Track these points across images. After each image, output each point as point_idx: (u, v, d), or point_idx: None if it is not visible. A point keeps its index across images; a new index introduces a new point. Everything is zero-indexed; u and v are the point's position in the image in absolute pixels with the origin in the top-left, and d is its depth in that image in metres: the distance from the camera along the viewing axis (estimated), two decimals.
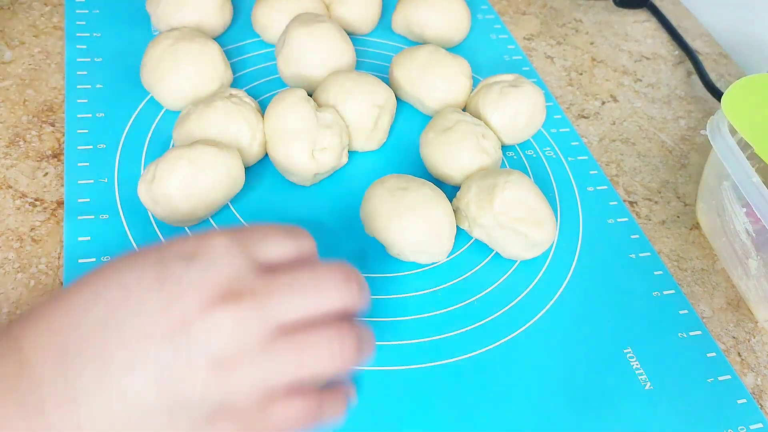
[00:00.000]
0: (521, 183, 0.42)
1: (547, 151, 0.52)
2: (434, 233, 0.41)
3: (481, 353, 0.39)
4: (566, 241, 0.46)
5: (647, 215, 0.50)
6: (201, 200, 0.40)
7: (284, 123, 0.43)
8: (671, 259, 0.47)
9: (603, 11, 0.68)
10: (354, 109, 0.46)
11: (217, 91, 0.46)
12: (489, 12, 0.64)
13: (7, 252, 0.39)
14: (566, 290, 0.43)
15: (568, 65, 0.61)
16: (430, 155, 0.46)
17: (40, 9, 0.55)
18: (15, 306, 0.37)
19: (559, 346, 0.40)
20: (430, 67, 0.50)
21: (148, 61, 0.47)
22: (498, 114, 0.49)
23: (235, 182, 0.42)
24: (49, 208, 0.42)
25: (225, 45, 0.54)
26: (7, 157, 0.44)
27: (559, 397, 0.38)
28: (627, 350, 0.41)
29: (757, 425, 0.39)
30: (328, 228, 0.44)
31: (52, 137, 0.46)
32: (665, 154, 0.55)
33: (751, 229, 0.43)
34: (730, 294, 0.46)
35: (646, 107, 0.58)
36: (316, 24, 0.49)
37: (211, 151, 0.40)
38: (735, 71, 0.64)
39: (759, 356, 0.43)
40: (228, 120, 0.43)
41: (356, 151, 0.49)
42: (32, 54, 0.51)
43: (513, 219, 0.41)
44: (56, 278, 0.38)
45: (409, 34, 0.58)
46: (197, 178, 0.39)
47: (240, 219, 0.43)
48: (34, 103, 0.47)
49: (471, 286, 0.42)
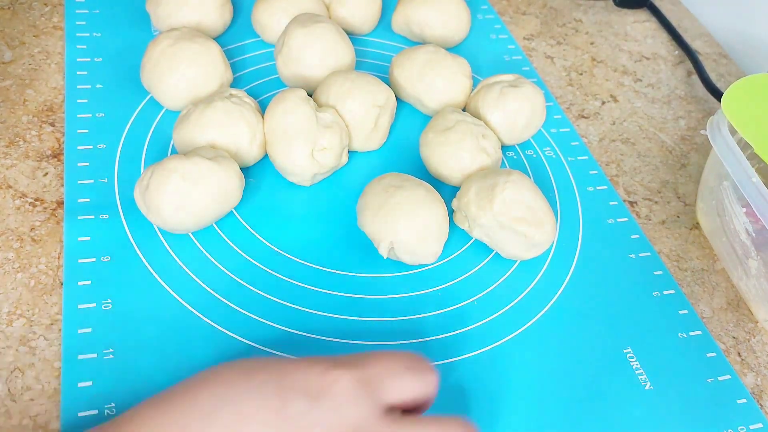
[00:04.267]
0: (521, 183, 0.42)
1: (547, 151, 0.52)
2: (420, 234, 0.40)
3: (481, 353, 0.39)
4: (566, 241, 0.46)
5: (647, 215, 0.50)
6: (191, 215, 0.40)
7: (284, 123, 0.43)
8: (671, 259, 0.47)
9: (603, 11, 0.68)
10: (354, 109, 0.46)
11: (217, 91, 0.46)
12: (489, 12, 0.64)
13: (7, 252, 0.39)
14: (566, 290, 0.43)
15: (568, 65, 0.61)
16: (430, 155, 0.46)
17: (40, 9, 0.55)
18: (15, 306, 0.37)
19: (559, 346, 0.40)
20: (430, 67, 0.50)
21: (148, 61, 0.47)
22: (498, 114, 0.49)
23: (230, 198, 0.41)
24: (49, 208, 0.42)
25: (225, 45, 0.54)
26: (7, 157, 0.44)
27: (559, 397, 0.38)
28: (627, 350, 0.41)
29: (757, 425, 0.39)
30: (327, 228, 0.44)
31: (52, 137, 0.46)
32: (665, 154, 0.55)
33: (751, 229, 0.43)
34: (730, 294, 0.46)
35: (646, 107, 0.58)
36: (315, 24, 0.49)
37: (206, 166, 0.39)
38: (735, 71, 0.64)
39: (759, 356, 0.43)
40: (228, 120, 0.43)
41: (356, 151, 0.49)
42: (32, 54, 0.51)
43: (513, 219, 0.41)
44: (56, 278, 0.38)
45: (409, 34, 0.58)
46: (190, 193, 0.39)
47: (239, 219, 0.43)
48: (34, 103, 0.47)
49: (471, 286, 0.42)
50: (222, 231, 0.42)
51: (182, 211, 0.39)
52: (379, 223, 0.40)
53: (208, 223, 0.41)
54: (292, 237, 0.43)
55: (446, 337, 0.40)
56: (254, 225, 0.43)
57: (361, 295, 0.41)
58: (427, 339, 0.40)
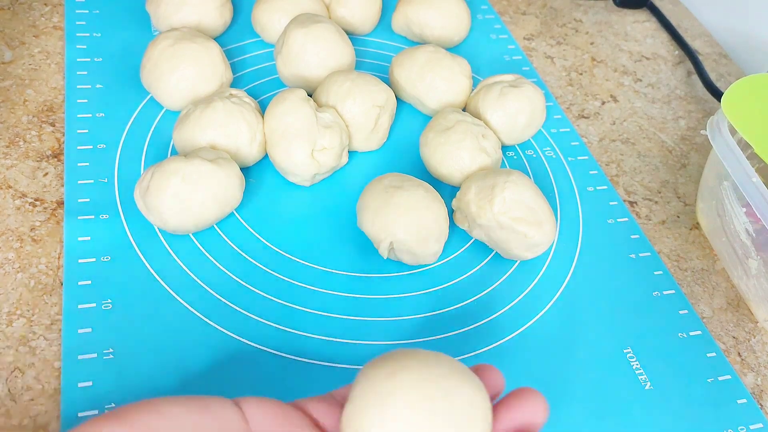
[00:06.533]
0: (521, 183, 0.42)
1: (547, 151, 0.52)
2: (420, 234, 0.40)
3: (481, 353, 0.39)
4: (566, 241, 0.46)
5: (647, 215, 0.50)
6: (192, 217, 0.40)
7: (284, 123, 0.43)
8: (671, 259, 0.47)
9: (603, 11, 0.68)
10: (354, 109, 0.46)
11: (217, 91, 0.46)
12: (489, 12, 0.64)
13: (7, 252, 0.39)
14: (566, 290, 0.43)
15: (568, 65, 0.61)
16: (430, 155, 0.46)
17: (40, 9, 0.55)
18: (15, 306, 0.37)
19: (559, 346, 0.40)
20: (430, 67, 0.50)
21: (148, 61, 0.47)
22: (498, 114, 0.49)
23: (231, 200, 0.41)
24: (49, 208, 0.42)
25: (225, 45, 0.54)
26: (7, 157, 0.44)
27: (559, 397, 0.38)
28: (627, 350, 0.41)
29: (757, 425, 0.39)
30: (327, 228, 0.44)
31: (52, 137, 0.46)
32: (665, 154, 0.55)
33: (751, 229, 0.43)
34: (730, 294, 0.46)
35: (646, 107, 0.58)
36: (315, 24, 0.49)
37: (207, 168, 0.39)
38: (735, 71, 0.64)
39: (759, 356, 0.43)
40: (228, 120, 0.43)
41: (356, 151, 0.49)
42: (32, 54, 0.51)
43: (513, 219, 0.41)
44: (56, 278, 0.38)
45: (409, 34, 0.58)
46: (190, 195, 0.39)
47: (239, 219, 0.43)
48: (34, 103, 0.47)
49: (471, 286, 0.42)
50: (222, 231, 0.42)
51: (183, 213, 0.39)
52: (379, 224, 0.40)
53: (209, 224, 0.41)
54: (292, 237, 0.43)
55: (446, 337, 0.40)
56: (254, 225, 0.43)
57: (361, 295, 0.41)
58: (427, 339, 0.40)
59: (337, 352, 0.38)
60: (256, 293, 0.40)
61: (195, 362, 0.36)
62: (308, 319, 0.39)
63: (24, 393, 0.34)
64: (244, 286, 0.40)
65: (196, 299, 0.39)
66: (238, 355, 0.37)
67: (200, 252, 0.41)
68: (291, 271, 0.41)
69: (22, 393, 0.34)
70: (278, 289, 0.40)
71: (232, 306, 0.39)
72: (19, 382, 0.34)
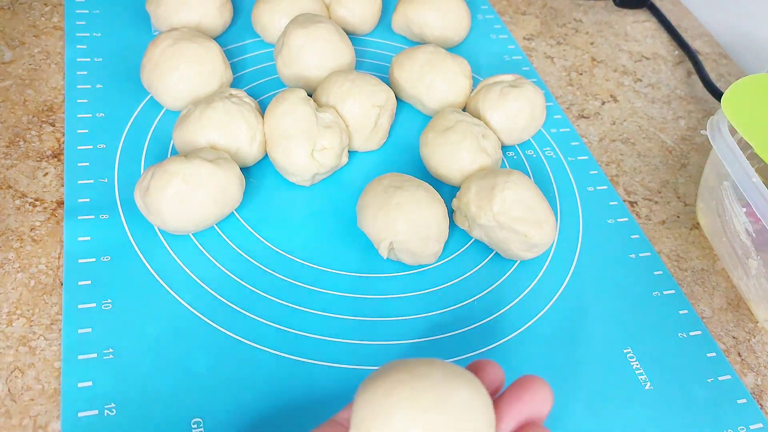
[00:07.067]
0: (521, 183, 0.42)
1: (547, 151, 0.52)
2: (420, 234, 0.40)
3: (481, 353, 0.39)
4: (566, 241, 0.46)
5: (647, 215, 0.50)
6: (192, 218, 0.40)
7: (284, 123, 0.43)
8: (671, 259, 0.47)
9: (603, 11, 0.68)
10: (354, 109, 0.46)
11: (217, 91, 0.46)
12: (489, 12, 0.64)
13: (7, 252, 0.39)
14: (566, 290, 0.43)
15: (568, 65, 0.61)
16: (430, 155, 0.46)
17: (40, 9, 0.55)
18: (15, 306, 0.37)
19: (559, 345, 0.40)
20: (430, 67, 0.50)
21: (148, 61, 0.47)
22: (498, 114, 0.49)
23: (231, 201, 0.41)
24: (49, 208, 0.42)
25: (225, 45, 0.54)
26: (7, 157, 0.44)
27: (559, 397, 0.38)
28: (627, 350, 0.41)
29: (757, 425, 0.39)
30: (327, 228, 0.44)
31: (52, 137, 0.46)
32: (665, 154, 0.55)
33: (751, 229, 0.43)
34: (730, 294, 0.46)
35: (646, 107, 0.58)
36: (315, 25, 0.49)
37: (207, 168, 0.39)
38: (735, 71, 0.64)
39: (759, 356, 0.43)
40: (228, 120, 0.43)
41: (356, 151, 0.49)
42: (32, 54, 0.51)
43: (513, 219, 0.41)
44: (56, 278, 0.38)
45: (409, 34, 0.58)
46: (190, 196, 0.39)
47: (239, 219, 0.43)
48: (34, 103, 0.47)
49: (471, 286, 0.42)
50: (222, 231, 0.42)
51: (183, 213, 0.39)
52: (379, 224, 0.40)
53: (209, 224, 0.41)
54: (292, 237, 0.43)
55: (446, 338, 0.40)
56: (254, 225, 0.43)
57: (361, 295, 0.41)
58: (427, 339, 0.40)
59: (337, 352, 0.38)
60: (256, 293, 0.40)
61: (195, 362, 0.36)
62: (308, 319, 0.39)
63: (24, 393, 0.34)
64: (244, 286, 0.40)
65: (196, 299, 0.39)
66: (238, 355, 0.37)
67: (200, 252, 0.41)
68: (291, 271, 0.41)
69: (22, 393, 0.34)
70: (278, 289, 0.40)
71: (232, 306, 0.39)
72: (19, 382, 0.34)
